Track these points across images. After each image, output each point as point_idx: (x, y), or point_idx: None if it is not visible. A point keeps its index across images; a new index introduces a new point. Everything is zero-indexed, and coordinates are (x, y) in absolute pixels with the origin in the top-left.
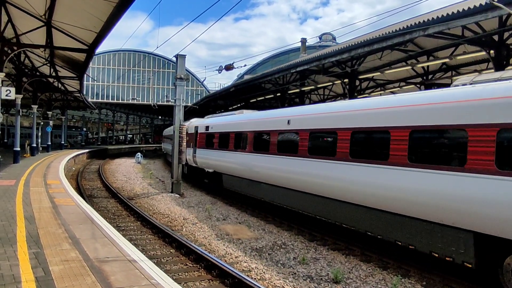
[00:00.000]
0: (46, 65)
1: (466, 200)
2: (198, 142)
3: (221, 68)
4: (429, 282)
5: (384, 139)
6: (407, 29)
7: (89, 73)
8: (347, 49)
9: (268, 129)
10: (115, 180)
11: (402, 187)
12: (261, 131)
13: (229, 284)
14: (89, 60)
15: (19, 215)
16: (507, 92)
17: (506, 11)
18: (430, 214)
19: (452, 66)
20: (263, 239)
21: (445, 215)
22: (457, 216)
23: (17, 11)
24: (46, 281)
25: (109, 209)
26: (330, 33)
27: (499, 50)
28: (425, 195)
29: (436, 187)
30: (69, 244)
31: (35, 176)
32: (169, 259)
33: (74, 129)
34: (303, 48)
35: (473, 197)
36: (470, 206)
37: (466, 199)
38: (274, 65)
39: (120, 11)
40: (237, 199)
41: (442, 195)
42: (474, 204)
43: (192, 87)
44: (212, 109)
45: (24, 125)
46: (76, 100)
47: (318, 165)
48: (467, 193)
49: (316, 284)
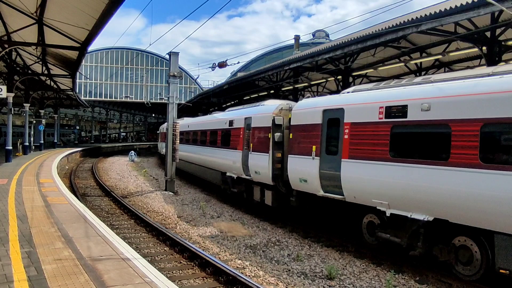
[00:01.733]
0: (38, 63)
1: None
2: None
3: (215, 66)
4: (422, 278)
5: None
6: (400, 26)
7: (81, 71)
8: (340, 46)
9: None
10: (109, 179)
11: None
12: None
13: (224, 282)
14: (81, 58)
15: (11, 214)
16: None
17: (498, 8)
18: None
19: (445, 62)
20: (257, 236)
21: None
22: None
23: (7, 8)
24: (38, 280)
25: (103, 207)
26: (324, 30)
27: (491, 46)
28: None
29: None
30: (62, 243)
31: (27, 175)
32: (163, 257)
33: (67, 128)
34: (296, 45)
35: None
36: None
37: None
38: (267, 62)
39: (112, 8)
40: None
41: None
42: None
43: (185, 85)
44: (206, 106)
45: (16, 124)
46: (69, 98)
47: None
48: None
49: (311, 280)
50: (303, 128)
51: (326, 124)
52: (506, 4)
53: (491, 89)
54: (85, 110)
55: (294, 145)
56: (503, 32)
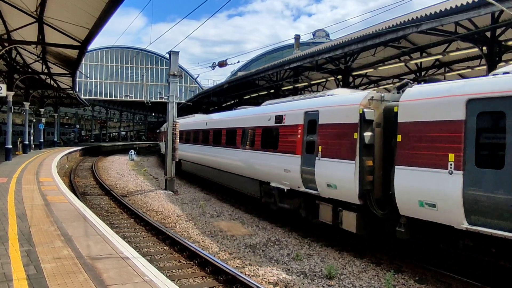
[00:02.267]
0: (38, 62)
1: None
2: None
3: (215, 65)
4: (421, 277)
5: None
6: (400, 26)
7: (81, 70)
8: (340, 46)
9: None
10: (109, 178)
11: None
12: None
13: (223, 281)
14: (81, 56)
15: (11, 213)
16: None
17: (498, 8)
18: None
19: (445, 62)
20: (257, 235)
21: None
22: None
23: (7, 6)
24: (38, 279)
25: (103, 206)
26: (324, 30)
27: (491, 46)
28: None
29: None
30: (62, 242)
31: (27, 174)
32: (163, 256)
33: (67, 126)
34: (296, 45)
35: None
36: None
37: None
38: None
39: (112, 7)
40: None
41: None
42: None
43: (185, 84)
44: (206, 105)
45: (16, 123)
46: (69, 97)
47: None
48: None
49: (310, 280)
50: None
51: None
52: (506, 4)
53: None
54: (85, 109)
55: (410, 151)
56: (503, 32)
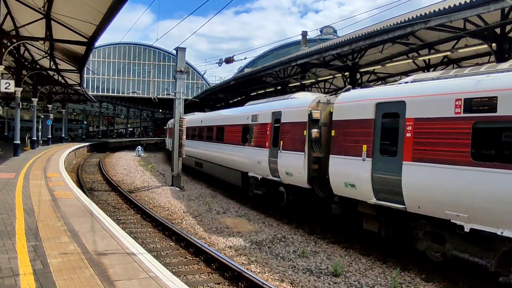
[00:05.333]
0: (46, 58)
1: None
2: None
3: (221, 61)
4: (428, 275)
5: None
6: (408, 22)
7: (89, 66)
8: (347, 42)
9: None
10: (116, 174)
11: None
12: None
13: (229, 277)
14: (89, 53)
15: (19, 208)
16: None
17: (508, 4)
18: None
19: (453, 59)
20: (263, 232)
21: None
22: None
23: (16, 3)
24: (44, 274)
25: (109, 202)
26: (331, 26)
27: (501, 43)
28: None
29: None
30: (68, 237)
31: (35, 169)
32: (169, 252)
33: (75, 123)
34: (303, 41)
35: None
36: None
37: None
38: (274, 58)
39: (119, 3)
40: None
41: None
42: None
43: (192, 80)
44: (213, 102)
45: (25, 118)
46: (76, 93)
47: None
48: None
49: (316, 277)
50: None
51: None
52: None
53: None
54: (92, 105)
55: (339, 144)
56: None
